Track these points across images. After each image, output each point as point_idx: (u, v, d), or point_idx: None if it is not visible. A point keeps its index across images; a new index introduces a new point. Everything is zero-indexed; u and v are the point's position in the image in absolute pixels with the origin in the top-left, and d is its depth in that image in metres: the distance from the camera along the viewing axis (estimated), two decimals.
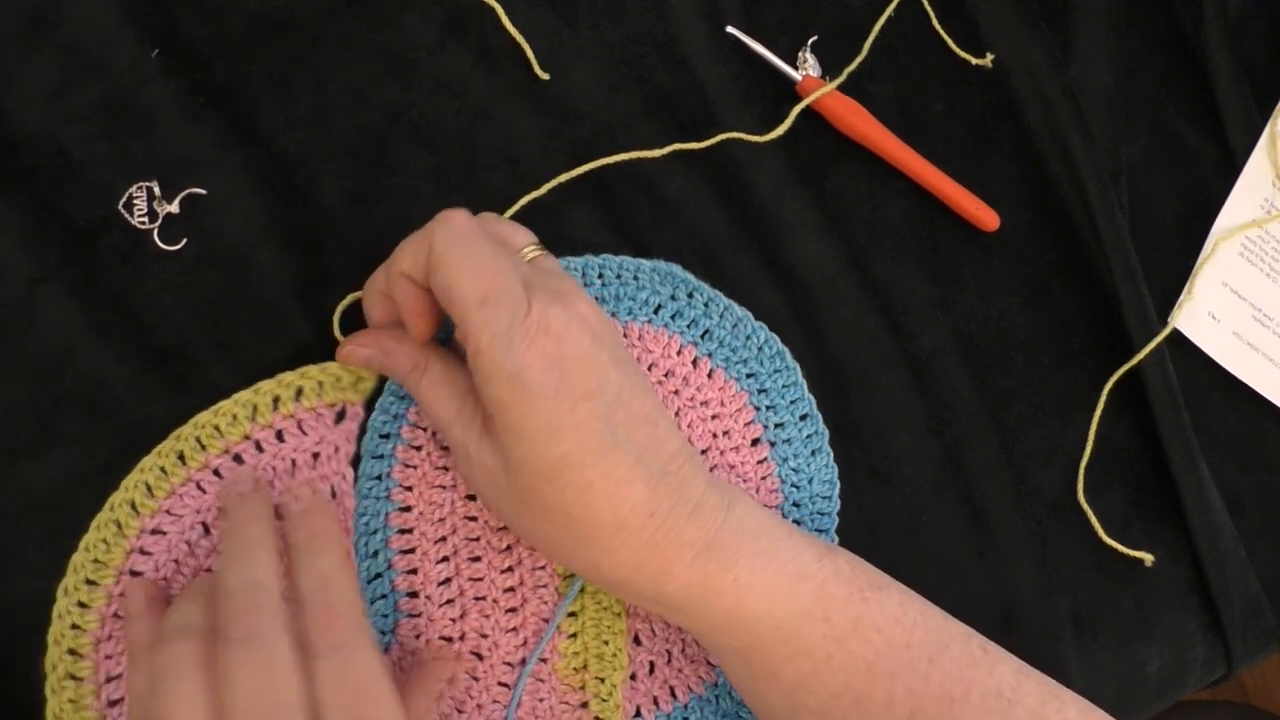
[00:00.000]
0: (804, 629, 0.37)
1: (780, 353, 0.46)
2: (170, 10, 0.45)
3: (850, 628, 0.37)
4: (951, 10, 0.52)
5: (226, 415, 0.41)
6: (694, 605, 0.37)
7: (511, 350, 0.34)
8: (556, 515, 0.36)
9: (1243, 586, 0.49)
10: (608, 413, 0.35)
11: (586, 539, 0.36)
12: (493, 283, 0.35)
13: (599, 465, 0.35)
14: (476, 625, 0.42)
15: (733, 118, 0.49)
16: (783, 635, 0.37)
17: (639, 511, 0.36)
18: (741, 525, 0.38)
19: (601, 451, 0.35)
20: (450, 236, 0.35)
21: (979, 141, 0.51)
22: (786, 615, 0.37)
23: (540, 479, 0.35)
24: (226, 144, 0.44)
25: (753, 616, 0.37)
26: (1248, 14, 0.56)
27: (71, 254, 0.42)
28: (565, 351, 0.35)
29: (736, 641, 0.38)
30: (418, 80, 0.46)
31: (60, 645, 0.39)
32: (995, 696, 0.38)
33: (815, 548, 0.39)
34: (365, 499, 0.42)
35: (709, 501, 0.37)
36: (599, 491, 0.35)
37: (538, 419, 0.35)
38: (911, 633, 0.38)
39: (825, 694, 0.37)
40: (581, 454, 0.35)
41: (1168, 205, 0.53)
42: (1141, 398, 0.50)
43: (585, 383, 0.35)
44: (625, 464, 0.35)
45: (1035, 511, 0.48)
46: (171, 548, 0.40)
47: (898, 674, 0.37)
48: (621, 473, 0.35)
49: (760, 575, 0.37)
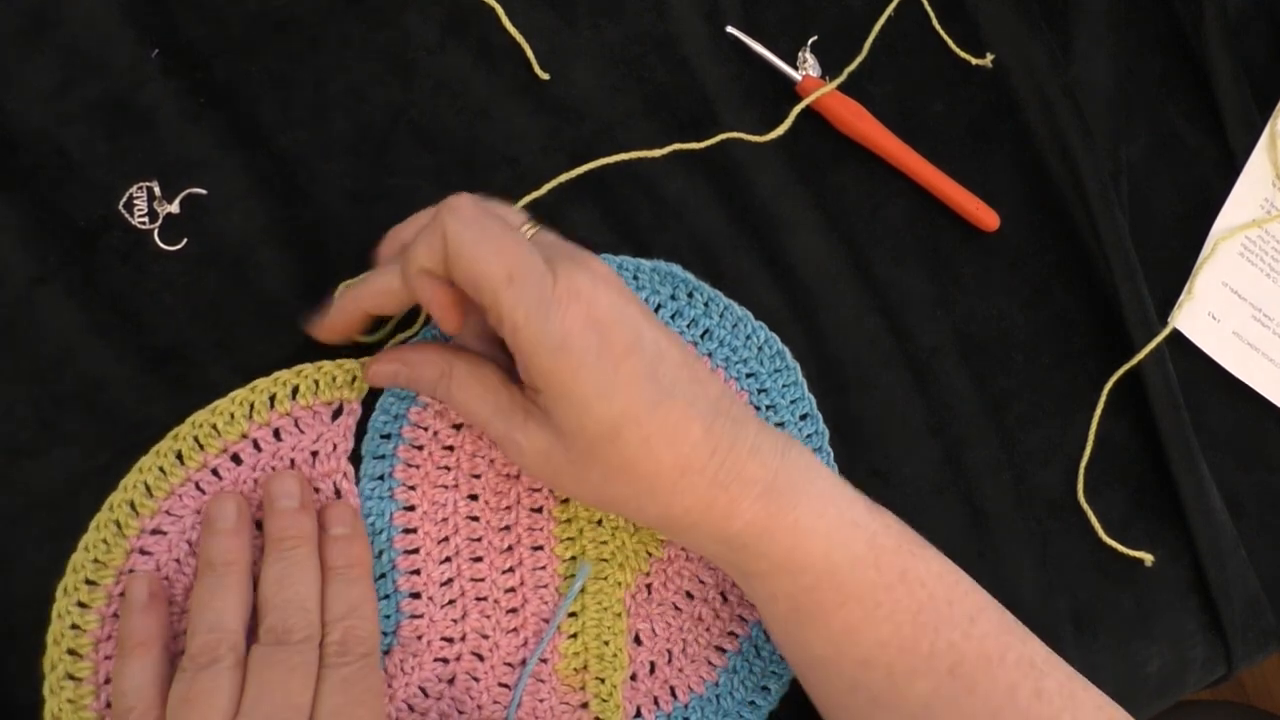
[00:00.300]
0: (856, 575, 0.38)
1: (780, 352, 0.46)
2: (170, 10, 0.45)
3: (898, 578, 0.38)
4: (951, 10, 0.52)
5: (224, 414, 0.41)
6: (757, 543, 0.38)
7: (549, 321, 0.35)
8: (621, 473, 0.37)
9: (1243, 586, 0.49)
10: (651, 365, 0.36)
11: (653, 489, 0.37)
12: (515, 259, 0.35)
13: (653, 416, 0.36)
14: (477, 625, 0.42)
15: (733, 118, 0.49)
16: (836, 580, 0.38)
17: (700, 451, 0.36)
18: (798, 467, 0.38)
19: (653, 403, 0.36)
20: (463, 222, 0.35)
21: (979, 141, 0.51)
22: (841, 560, 0.38)
23: (600, 441, 0.36)
24: (226, 144, 0.44)
25: (810, 559, 0.38)
26: (1248, 14, 0.56)
27: (72, 254, 0.42)
28: (599, 313, 0.35)
29: (791, 584, 0.38)
30: (418, 80, 0.46)
31: (59, 645, 0.39)
32: (1029, 664, 0.39)
33: (864, 500, 0.40)
34: (369, 499, 0.42)
35: (765, 442, 0.38)
36: (658, 441, 0.36)
37: (587, 383, 0.35)
38: (953, 590, 0.39)
39: (871, 642, 0.38)
40: (635, 409, 0.35)
41: (1168, 205, 0.53)
42: (1141, 398, 0.50)
43: (624, 339, 0.36)
44: (678, 410, 0.36)
45: (1035, 511, 0.48)
46: (172, 547, 0.40)
47: (941, 628, 0.38)
48: (676, 418, 0.36)
49: (819, 518, 0.38)
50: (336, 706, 0.36)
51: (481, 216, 0.36)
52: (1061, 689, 0.39)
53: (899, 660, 0.38)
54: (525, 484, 0.43)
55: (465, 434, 0.43)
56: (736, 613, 0.44)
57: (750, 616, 0.44)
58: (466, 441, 0.43)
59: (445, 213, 0.36)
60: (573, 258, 0.37)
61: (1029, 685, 0.38)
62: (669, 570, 0.44)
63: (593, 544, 0.43)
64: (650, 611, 0.43)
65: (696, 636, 0.44)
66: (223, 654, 0.36)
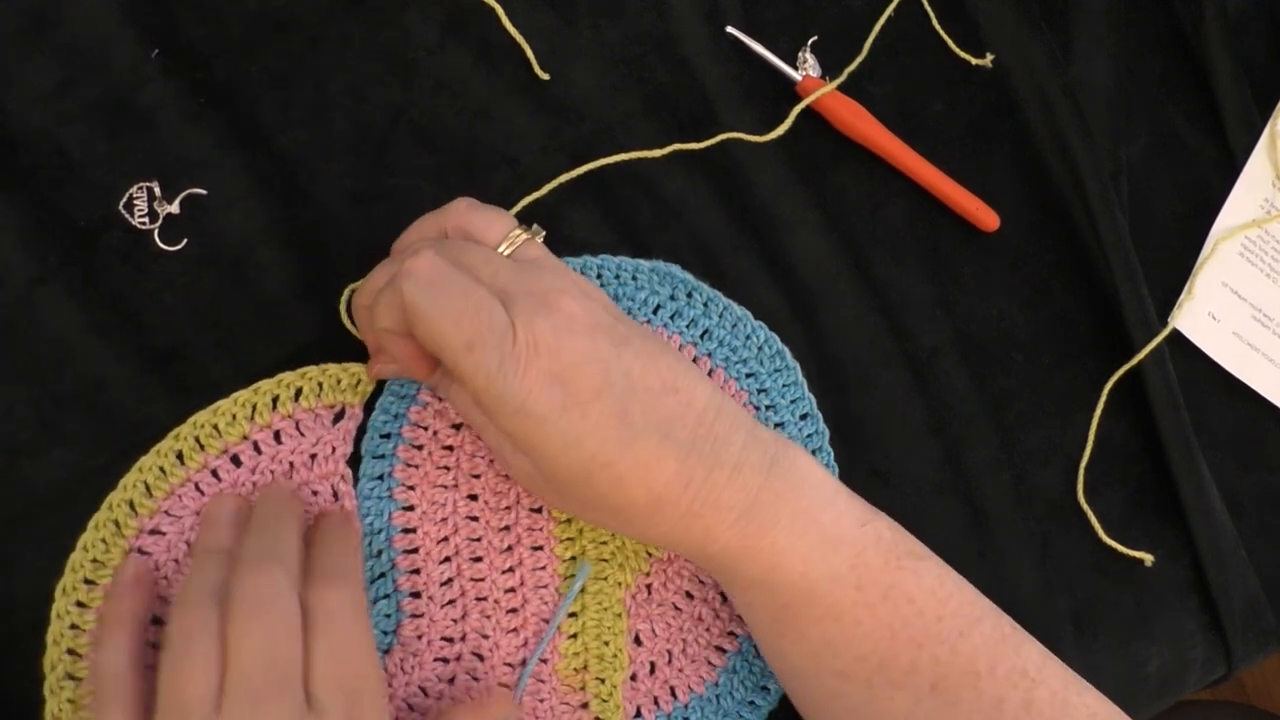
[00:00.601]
0: (835, 593, 0.38)
1: (780, 352, 0.46)
2: (170, 10, 0.45)
3: (881, 595, 0.38)
4: (951, 10, 0.52)
5: (225, 415, 0.41)
6: (734, 565, 0.38)
7: (508, 384, 0.34)
8: (597, 506, 0.37)
9: (1243, 586, 0.49)
10: (621, 404, 0.36)
11: (629, 519, 0.37)
12: (472, 327, 0.34)
13: (624, 457, 0.36)
14: (477, 625, 0.42)
15: (733, 118, 0.49)
16: (813, 598, 0.38)
17: (673, 487, 0.36)
18: (784, 482, 0.38)
19: (624, 443, 0.36)
20: (419, 290, 0.35)
21: (979, 141, 0.51)
22: (819, 579, 0.38)
23: (573, 483, 0.36)
24: (227, 144, 0.44)
25: (787, 579, 0.38)
26: (1248, 14, 0.56)
27: (72, 254, 0.42)
28: (562, 362, 0.35)
29: (769, 600, 0.38)
30: (418, 80, 0.46)
31: (59, 645, 0.39)
32: (1020, 674, 0.38)
33: (859, 512, 0.39)
34: (368, 499, 0.42)
35: (749, 459, 0.38)
36: (630, 480, 0.36)
37: (553, 437, 0.35)
38: (945, 605, 0.39)
39: (850, 656, 0.38)
40: (605, 452, 0.35)
41: (1168, 205, 0.53)
42: (1141, 398, 0.50)
43: (591, 384, 0.35)
44: (650, 447, 0.36)
45: (1035, 511, 0.48)
46: (170, 548, 0.40)
47: (925, 643, 0.38)
48: (647, 457, 0.36)
49: (799, 538, 0.38)
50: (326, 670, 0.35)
51: (439, 280, 0.35)
52: (1054, 698, 0.38)
53: (877, 675, 0.38)
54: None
55: (465, 434, 0.43)
56: (736, 613, 0.44)
57: None
58: (466, 441, 0.43)
59: (402, 278, 0.35)
60: (540, 299, 0.36)
61: (1017, 697, 0.38)
62: (669, 570, 0.44)
63: (593, 544, 0.43)
64: (650, 611, 0.43)
65: (696, 636, 0.44)
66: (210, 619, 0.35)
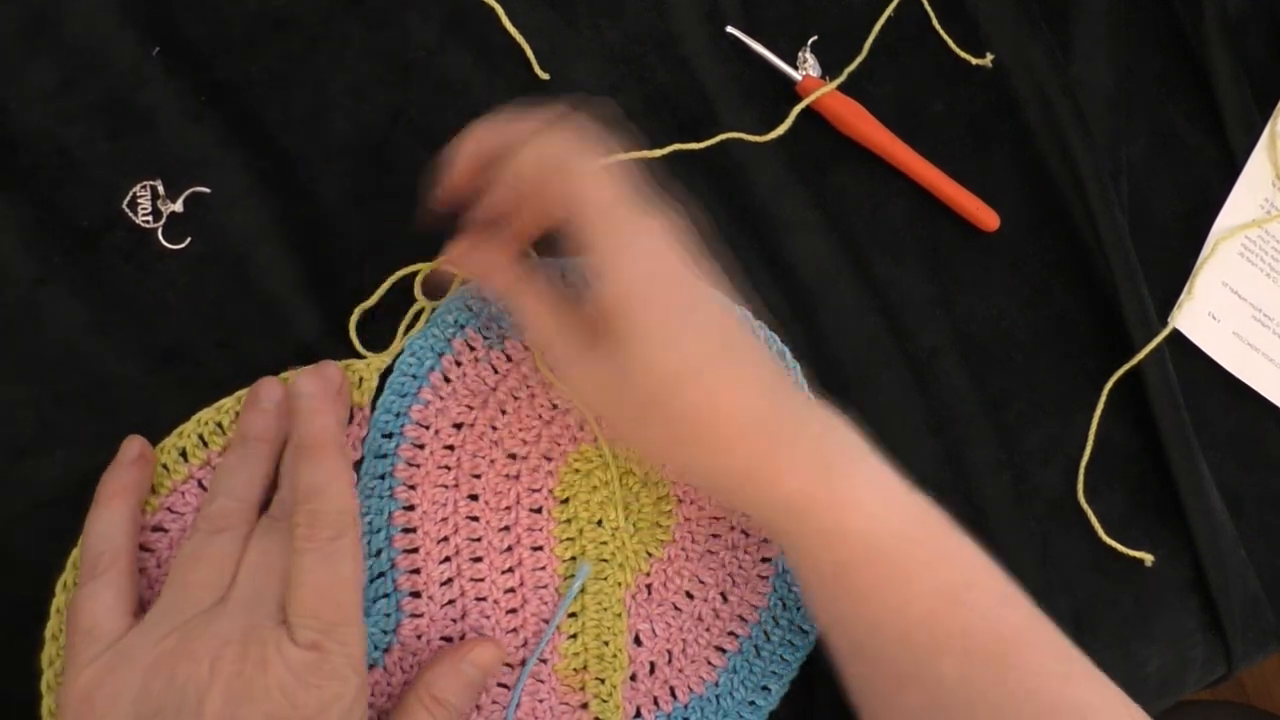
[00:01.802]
0: (898, 551, 0.38)
1: (780, 352, 0.46)
2: (170, 10, 0.45)
3: (939, 555, 0.38)
4: (951, 10, 0.52)
5: (229, 412, 0.41)
6: (801, 514, 0.38)
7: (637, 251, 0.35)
8: (680, 422, 0.36)
9: (1242, 586, 0.49)
10: (720, 319, 0.36)
11: (710, 444, 0.37)
12: (615, 191, 0.35)
13: (721, 369, 0.36)
14: (477, 625, 0.42)
15: (733, 118, 0.49)
16: (878, 555, 0.38)
17: (760, 414, 0.36)
18: (848, 440, 0.39)
19: (723, 353, 0.36)
20: (580, 149, 0.36)
21: (979, 141, 0.51)
22: (884, 535, 0.38)
23: (666, 385, 0.36)
24: (228, 143, 0.44)
25: (853, 532, 0.38)
26: (1248, 14, 0.56)
27: (74, 253, 0.42)
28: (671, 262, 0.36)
29: (831, 555, 0.38)
30: (418, 80, 0.46)
31: (57, 641, 0.39)
32: (1059, 648, 0.39)
33: (905, 480, 0.39)
34: (369, 498, 0.42)
35: (815, 414, 0.38)
36: (724, 395, 0.36)
37: (655, 330, 0.35)
38: (985, 574, 0.39)
39: (908, 617, 0.38)
40: (702, 359, 0.36)
41: (1168, 205, 0.53)
42: (1141, 398, 0.50)
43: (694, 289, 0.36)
44: (748, 365, 0.36)
45: (1035, 511, 0.48)
46: (173, 544, 0.40)
47: (976, 607, 0.38)
48: (745, 372, 0.36)
49: (864, 493, 0.38)
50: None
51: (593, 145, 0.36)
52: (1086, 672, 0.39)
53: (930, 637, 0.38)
54: (525, 484, 0.43)
55: (466, 434, 0.43)
56: (736, 613, 0.44)
57: (750, 617, 0.44)
58: (467, 441, 0.43)
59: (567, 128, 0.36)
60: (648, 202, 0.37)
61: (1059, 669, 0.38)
62: (669, 570, 0.44)
63: (593, 544, 0.43)
64: (650, 611, 0.43)
65: (696, 637, 0.44)
66: (235, 523, 0.37)
